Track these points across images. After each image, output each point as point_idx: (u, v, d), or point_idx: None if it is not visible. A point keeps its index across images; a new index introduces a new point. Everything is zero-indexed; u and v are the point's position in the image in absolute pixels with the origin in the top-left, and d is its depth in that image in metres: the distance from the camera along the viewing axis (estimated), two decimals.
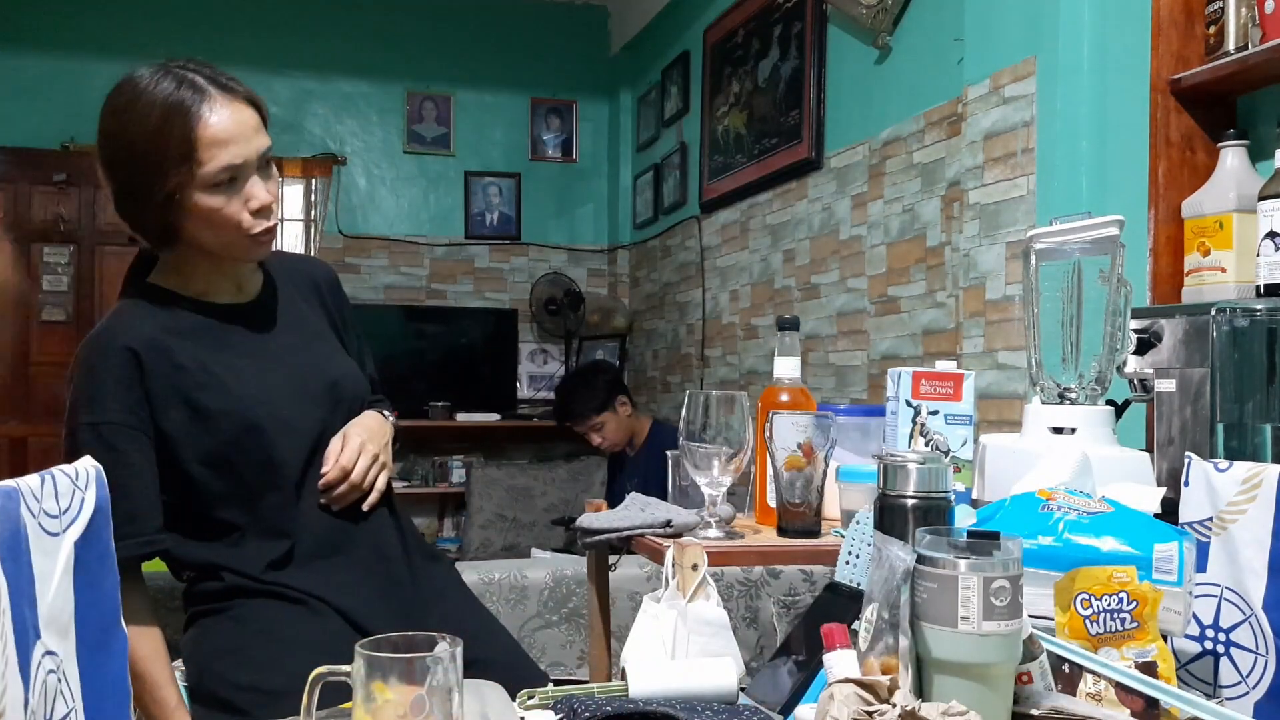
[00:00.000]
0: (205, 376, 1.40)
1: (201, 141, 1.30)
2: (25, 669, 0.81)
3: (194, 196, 1.32)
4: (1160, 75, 1.94)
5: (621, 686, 1.03)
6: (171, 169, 1.30)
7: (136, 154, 1.32)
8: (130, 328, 1.39)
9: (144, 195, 1.33)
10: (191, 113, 1.30)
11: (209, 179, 1.31)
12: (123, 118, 1.35)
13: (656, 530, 1.51)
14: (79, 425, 1.37)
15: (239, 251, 1.41)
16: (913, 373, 1.58)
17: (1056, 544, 1.00)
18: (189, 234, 1.38)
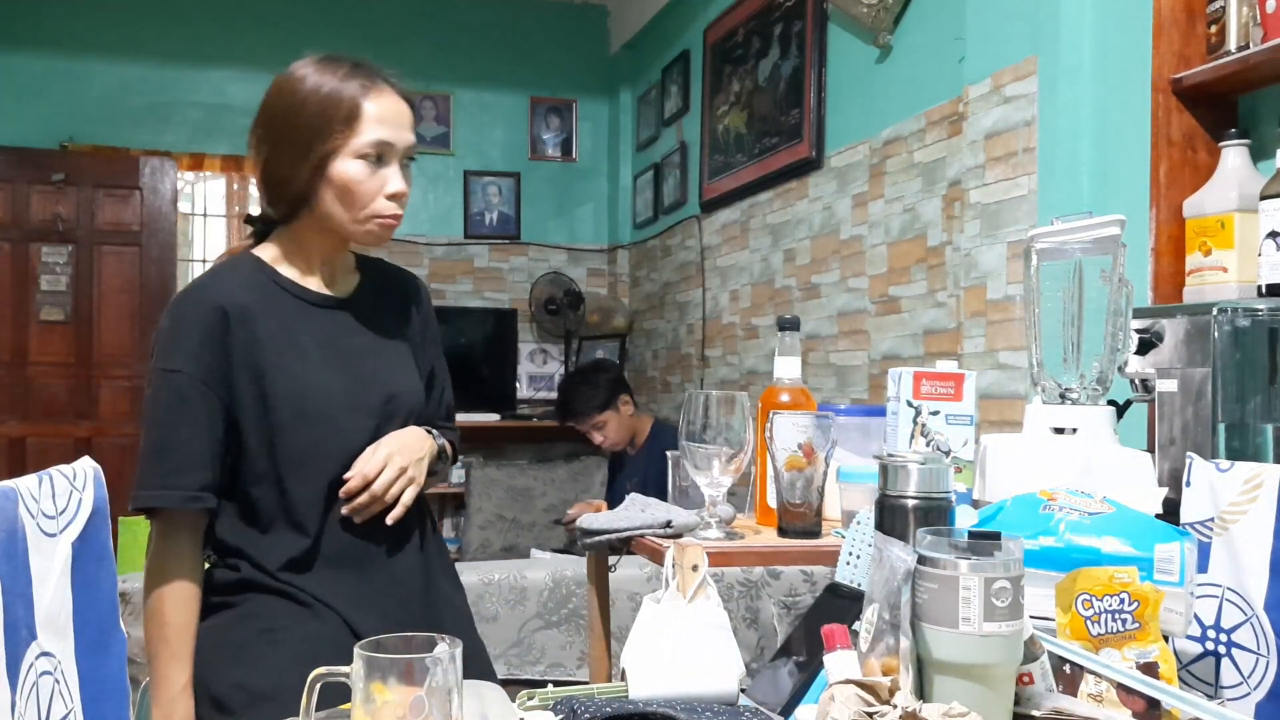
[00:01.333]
0: (278, 356, 1.43)
1: (365, 113, 1.40)
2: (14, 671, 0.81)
3: (342, 163, 1.40)
4: (1161, 74, 1.94)
5: (622, 687, 1.03)
6: (333, 131, 1.39)
7: (306, 114, 1.40)
8: (226, 288, 1.44)
9: (299, 154, 1.40)
10: (362, 88, 1.41)
11: (360, 148, 1.40)
12: (299, 85, 1.42)
13: (656, 531, 1.50)
14: (157, 370, 1.42)
15: (359, 230, 1.45)
16: (913, 373, 1.58)
17: (1058, 544, 1.00)
18: (321, 204, 1.43)
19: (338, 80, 1.41)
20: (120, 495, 1.33)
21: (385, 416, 1.49)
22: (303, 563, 1.43)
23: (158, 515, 1.40)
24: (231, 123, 5.49)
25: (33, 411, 5.15)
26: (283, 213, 1.48)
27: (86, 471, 1.00)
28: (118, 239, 5.28)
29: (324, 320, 1.49)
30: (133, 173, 5.27)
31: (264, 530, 1.43)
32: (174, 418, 1.39)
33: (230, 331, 1.41)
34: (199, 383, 1.39)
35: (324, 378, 1.45)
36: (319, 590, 1.43)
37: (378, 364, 1.51)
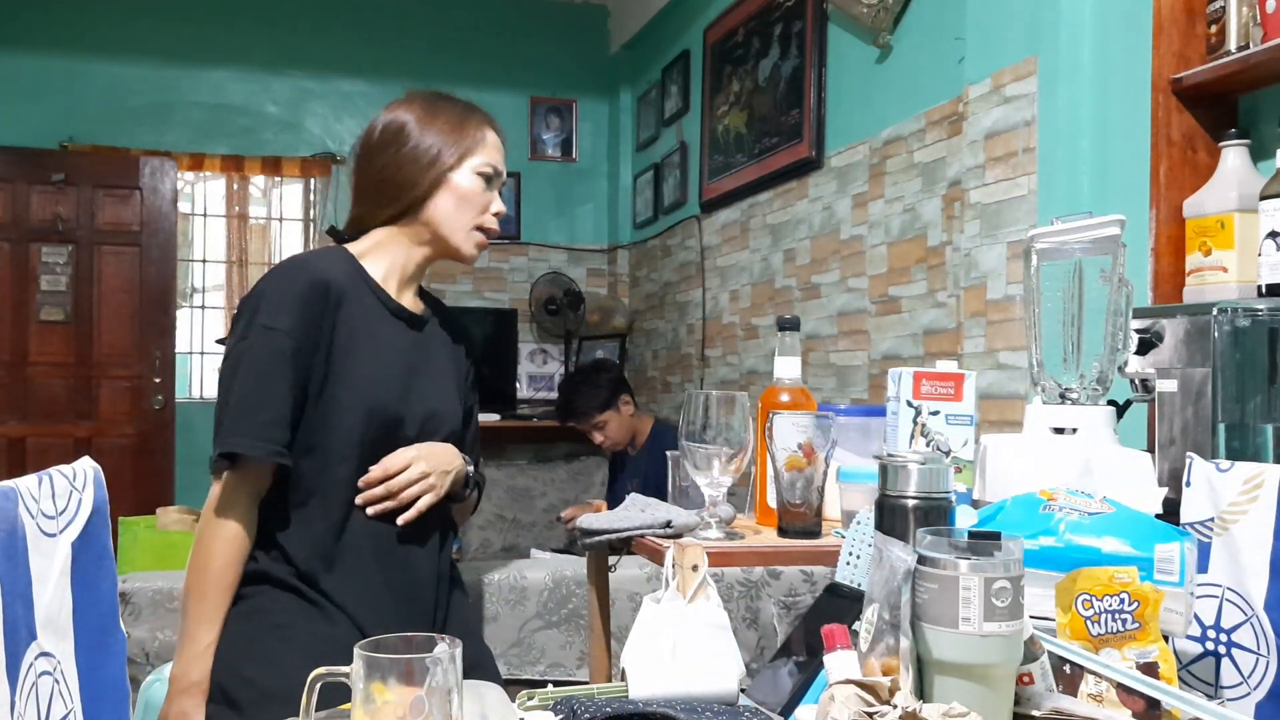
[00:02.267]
0: (355, 343, 1.50)
1: (486, 139, 1.62)
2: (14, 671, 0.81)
3: (463, 176, 1.57)
4: (1161, 74, 1.94)
5: (622, 688, 1.03)
6: (462, 144, 1.58)
7: (438, 128, 1.59)
8: (327, 267, 1.53)
9: (426, 163, 1.56)
10: (486, 121, 1.65)
11: (480, 166, 1.58)
12: (433, 105, 1.64)
13: (656, 531, 1.50)
14: (258, 326, 1.45)
15: (460, 241, 1.58)
16: (913, 373, 1.58)
17: (1058, 544, 1.00)
18: (434, 211, 1.56)
19: (466, 107, 1.65)
20: (120, 495, 1.33)
21: (425, 432, 1.55)
22: (325, 552, 1.46)
23: (235, 466, 1.43)
24: (231, 123, 5.49)
25: (32, 411, 5.15)
26: (387, 218, 1.58)
27: (86, 472, 1.00)
28: (118, 239, 5.28)
29: (394, 326, 1.56)
30: (133, 173, 5.27)
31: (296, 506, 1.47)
32: (271, 373, 1.44)
33: (326, 307, 1.48)
34: (295, 347, 1.44)
35: (386, 376, 1.52)
36: (334, 588, 1.45)
37: (429, 382, 1.58)
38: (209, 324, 5.97)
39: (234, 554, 1.43)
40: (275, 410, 1.43)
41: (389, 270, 1.58)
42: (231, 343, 1.49)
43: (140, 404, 5.31)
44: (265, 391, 1.43)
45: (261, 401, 1.42)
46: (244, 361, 1.45)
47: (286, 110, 5.57)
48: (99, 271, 5.25)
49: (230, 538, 1.42)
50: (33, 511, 0.89)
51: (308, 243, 5.88)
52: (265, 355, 1.44)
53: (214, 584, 1.41)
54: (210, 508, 1.43)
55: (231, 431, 1.42)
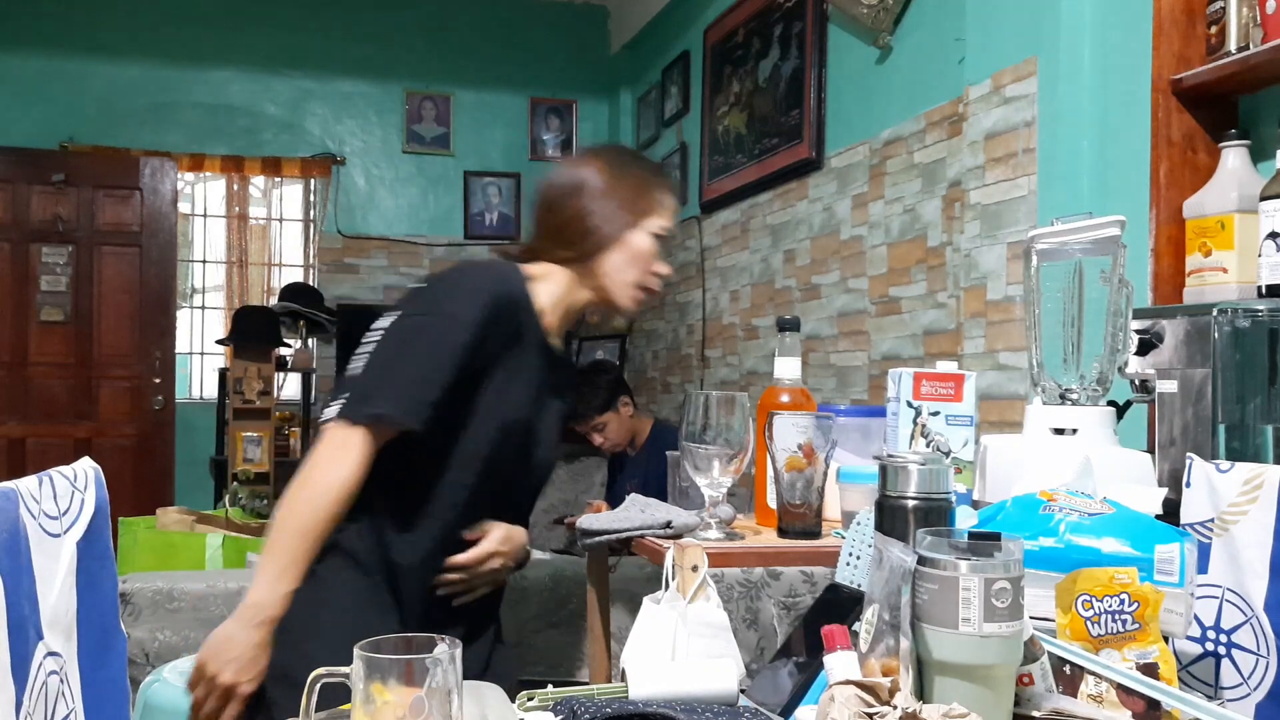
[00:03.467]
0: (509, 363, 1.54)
1: (665, 203, 1.67)
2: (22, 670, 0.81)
3: (640, 234, 1.62)
4: (1161, 75, 1.94)
5: (622, 688, 1.03)
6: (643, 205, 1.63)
7: (627, 185, 1.64)
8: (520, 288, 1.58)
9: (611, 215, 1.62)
10: (668, 186, 1.71)
11: (656, 226, 1.64)
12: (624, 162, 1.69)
13: (656, 531, 1.50)
14: (443, 311, 1.49)
15: (622, 296, 1.63)
16: (913, 373, 1.58)
17: (1058, 545, 1.00)
18: (606, 261, 1.62)
19: (651, 169, 1.72)
20: (119, 496, 1.33)
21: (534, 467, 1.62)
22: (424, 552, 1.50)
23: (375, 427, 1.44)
24: (231, 123, 5.49)
25: (32, 412, 5.15)
26: (561, 258, 1.62)
27: (87, 472, 1.00)
28: (118, 239, 5.28)
29: (541, 359, 1.61)
30: (133, 173, 5.27)
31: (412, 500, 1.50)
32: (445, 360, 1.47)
33: (507, 322, 1.52)
34: (470, 345, 1.47)
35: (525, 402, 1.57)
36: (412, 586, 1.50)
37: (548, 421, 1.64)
38: (209, 324, 5.97)
39: (339, 507, 1.43)
40: (434, 389, 1.45)
41: (552, 305, 1.63)
42: (408, 313, 1.52)
43: (140, 404, 5.31)
44: (434, 373, 1.46)
45: (429, 381, 1.45)
46: (423, 338, 1.48)
47: (286, 111, 5.57)
48: (99, 272, 5.25)
49: (342, 488, 1.42)
50: (34, 512, 0.89)
51: (308, 243, 5.89)
52: (445, 340, 1.47)
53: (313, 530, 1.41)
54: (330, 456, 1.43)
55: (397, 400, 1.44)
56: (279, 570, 1.41)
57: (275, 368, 5.00)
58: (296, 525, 1.41)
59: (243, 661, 1.38)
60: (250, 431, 4.87)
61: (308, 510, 1.41)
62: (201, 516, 3.39)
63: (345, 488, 1.42)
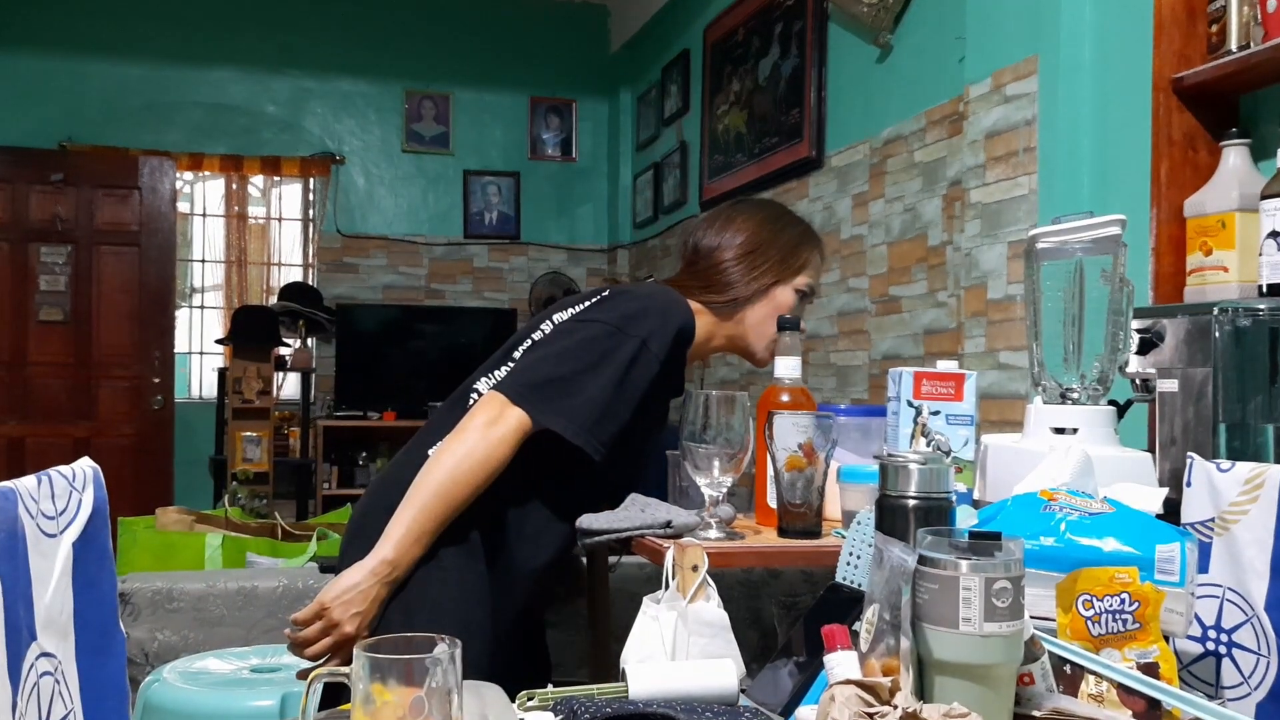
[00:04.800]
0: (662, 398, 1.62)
1: (814, 261, 1.75)
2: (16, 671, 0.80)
3: (785, 290, 1.69)
4: (1162, 74, 1.94)
5: (621, 688, 1.03)
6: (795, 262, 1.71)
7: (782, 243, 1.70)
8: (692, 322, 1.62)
9: (763, 270, 1.68)
10: (818, 244, 1.77)
11: (800, 283, 1.71)
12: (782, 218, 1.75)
13: (657, 531, 1.50)
14: (637, 337, 1.51)
15: (758, 348, 1.70)
16: (914, 373, 1.58)
17: (1058, 545, 1.00)
18: (749, 311, 1.68)
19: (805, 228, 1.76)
20: (119, 496, 1.32)
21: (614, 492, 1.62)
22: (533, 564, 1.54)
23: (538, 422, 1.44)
24: (230, 123, 5.49)
25: (32, 412, 5.15)
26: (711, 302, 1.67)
27: (86, 472, 1.00)
28: (117, 239, 5.28)
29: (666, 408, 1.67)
30: (132, 173, 5.27)
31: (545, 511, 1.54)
32: (634, 390, 1.50)
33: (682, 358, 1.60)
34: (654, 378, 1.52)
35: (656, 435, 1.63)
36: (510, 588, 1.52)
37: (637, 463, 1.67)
38: (208, 324, 5.97)
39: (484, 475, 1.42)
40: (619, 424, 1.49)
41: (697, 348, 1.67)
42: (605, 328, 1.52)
43: (139, 404, 5.31)
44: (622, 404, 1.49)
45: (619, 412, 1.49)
46: (618, 364, 1.49)
47: (286, 110, 5.57)
48: (98, 271, 5.25)
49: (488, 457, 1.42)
50: (33, 512, 0.89)
51: (307, 242, 5.89)
52: (638, 374, 1.50)
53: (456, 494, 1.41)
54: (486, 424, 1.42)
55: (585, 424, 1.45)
56: (418, 532, 1.40)
57: (274, 367, 5.00)
58: (440, 488, 1.41)
59: (368, 616, 1.40)
60: (249, 431, 4.86)
61: (455, 474, 1.41)
62: (201, 516, 3.39)
63: (493, 458, 1.41)
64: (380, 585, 1.40)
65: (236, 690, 1.80)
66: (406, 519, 1.40)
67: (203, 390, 5.99)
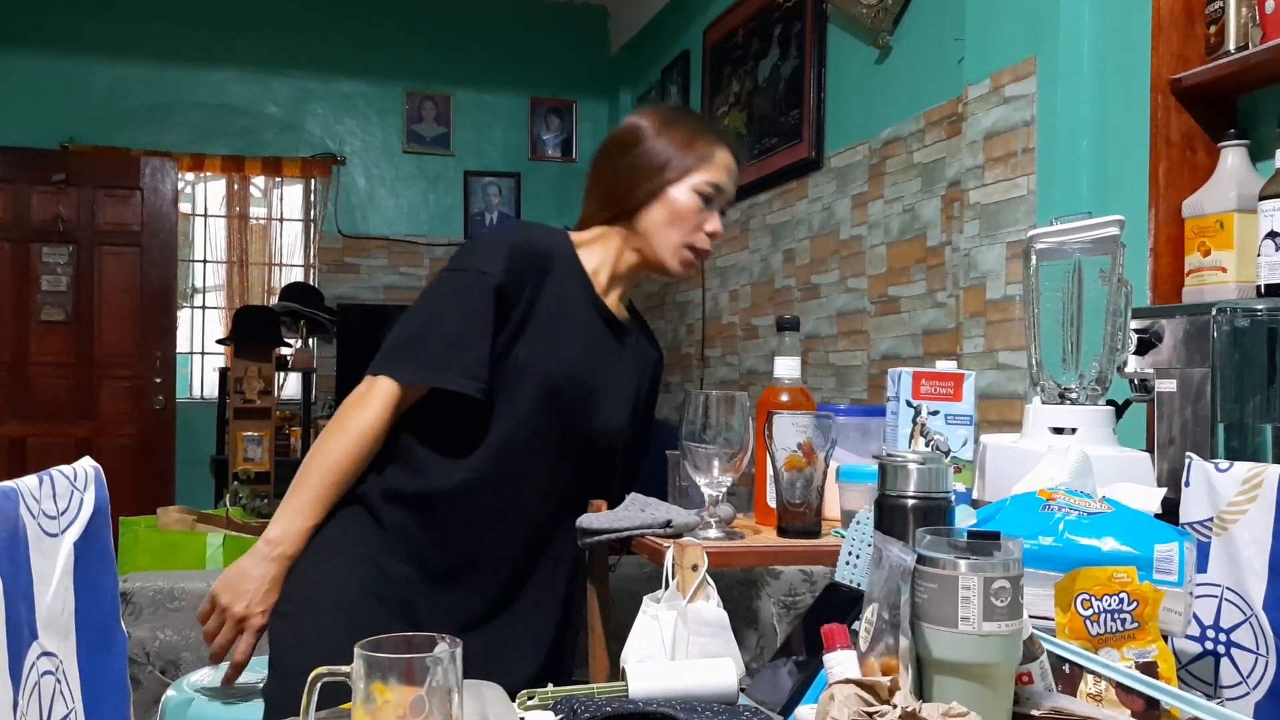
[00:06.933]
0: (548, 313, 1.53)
1: (714, 158, 1.59)
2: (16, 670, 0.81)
3: (681, 190, 1.56)
4: (1161, 75, 1.94)
5: (621, 687, 1.03)
6: (685, 161, 1.57)
7: (670, 138, 1.58)
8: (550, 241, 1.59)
9: (649, 170, 1.57)
10: (719, 140, 1.62)
11: (700, 184, 1.57)
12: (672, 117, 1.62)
13: (656, 530, 1.50)
14: (468, 268, 1.51)
15: (665, 256, 1.58)
16: (913, 373, 1.58)
17: (1057, 544, 1.00)
18: (647, 220, 1.58)
19: (702, 124, 1.63)
20: (120, 495, 1.33)
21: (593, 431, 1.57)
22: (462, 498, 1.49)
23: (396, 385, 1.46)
24: (232, 123, 5.49)
25: (33, 412, 5.16)
26: (606, 218, 1.61)
27: (87, 471, 1.00)
28: (118, 239, 5.29)
29: (592, 318, 1.59)
30: (133, 173, 5.27)
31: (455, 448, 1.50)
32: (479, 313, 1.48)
33: (534, 269, 1.52)
34: (500, 293, 1.48)
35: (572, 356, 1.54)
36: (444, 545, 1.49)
37: (609, 386, 1.60)
38: (209, 324, 5.97)
39: (359, 449, 1.46)
40: (481, 349, 1.46)
41: (599, 266, 1.61)
42: (439, 276, 1.54)
43: (141, 404, 5.31)
44: (472, 329, 1.47)
45: (470, 339, 1.46)
46: (453, 297, 1.49)
47: (287, 111, 5.57)
48: (100, 272, 5.26)
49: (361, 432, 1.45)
50: (34, 512, 0.89)
51: (308, 243, 5.89)
52: (475, 295, 1.48)
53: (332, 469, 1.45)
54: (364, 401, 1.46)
55: (440, 364, 1.45)
56: (298, 506, 1.45)
57: (275, 367, 4.99)
58: (317, 463, 1.45)
59: (256, 595, 1.42)
60: (251, 431, 4.86)
61: (327, 450, 1.45)
62: (202, 516, 3.39)
63: (364, 432, 1.44)
64: (267, 563, 1.43)
65: None
66: (289, 498, 1.46)
67: (204, 390, 6.00)
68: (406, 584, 1.48)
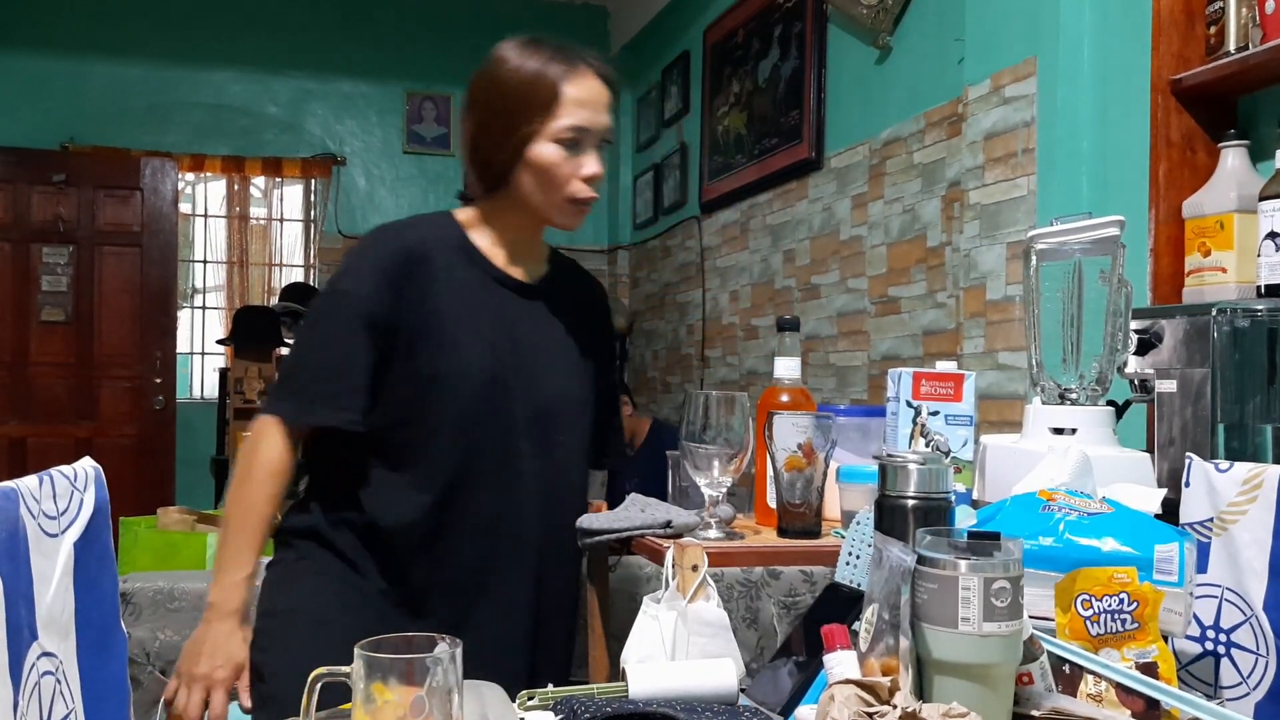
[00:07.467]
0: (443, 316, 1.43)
1: (564, 97, 1.42)
2: (16, 671, 0.81)
3: (540, 147, 1.42)
4: (1161, 75, 1.94)
5: (621, 687, 1.03)
6: (533, 114, 1.42)
7: (505, 99, 1.44)
8: (418, 235, 1.47)
9: (499, 137, 1.44)
10: (561, 73, 1.44)
11: (558, 132, 1.42)
12: (499, 68, 1.47)
13: (656, 531, 1.50)
14: (337, 289, 1.44)
15: (554, 212, 1.47)
16: (913, 373, 1.58)
17: (1057, 545, 1.00)
18: (519, 184, 1.45)
19: (539, 64, 1.44)
20: (120, 496, 1.33)
21: (540, 412, 1.48)
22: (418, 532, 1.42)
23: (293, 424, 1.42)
24: (232, 124, 5.50)
25: (33, 412, 5.16)
26: (483, 191, 1.50)
27: (87, 472, 1.00)
28: (118, 240, 5.29)
29: (497, 295, 1.49)
30: (134, 173, 5.27)
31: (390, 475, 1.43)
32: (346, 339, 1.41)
33: (409, 274, 1.42)
34: (370, 312, 1.41)
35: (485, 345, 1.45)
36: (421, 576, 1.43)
37: (542, 358, 1.50)
38: (209, 324, 5.97)
39: (274, 489, 1.42)
40: (352, 379, 1.40)
41: (494, 240, 1.51)
42: (314, 298, 1.49)
43: (141, 404, 5.31)
44: (340, 358, 1.41)
45: (339, 369, 1.41)
46: (321, 324, 1.44)
47: (287, 111, 5.57)
48: (100, 272, 5.26)
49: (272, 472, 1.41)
50: (34, 512, 0.89)
51: (308, 243, 5.89)
52: (343, 320, 1.41)
53: (245, 515, 1.41)
54: (256, 442, 1.42)
55: (308, 397, 1.41)
56: (227, 562, 1.41)
57: (275, 367, 4.99)
58: (233, 514, 1.42)
59: (215, 653, 1.38)
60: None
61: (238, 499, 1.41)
62: (202, 516, 3.39)
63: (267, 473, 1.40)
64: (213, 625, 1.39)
65: None
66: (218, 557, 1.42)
67: (204, 390, 5.99)
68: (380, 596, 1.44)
